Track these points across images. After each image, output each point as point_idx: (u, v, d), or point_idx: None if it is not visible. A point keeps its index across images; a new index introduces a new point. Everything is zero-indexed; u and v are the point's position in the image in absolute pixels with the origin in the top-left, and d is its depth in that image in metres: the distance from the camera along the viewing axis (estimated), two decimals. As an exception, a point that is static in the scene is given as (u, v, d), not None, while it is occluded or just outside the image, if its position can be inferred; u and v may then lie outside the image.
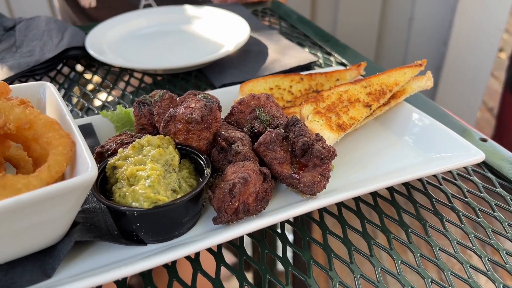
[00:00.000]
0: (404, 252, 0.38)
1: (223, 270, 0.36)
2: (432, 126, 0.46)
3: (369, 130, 0.49)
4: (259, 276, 0.36)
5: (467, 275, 0.36)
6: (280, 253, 0.38)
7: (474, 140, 0.50)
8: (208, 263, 0.37)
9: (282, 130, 0.40)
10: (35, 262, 0.33)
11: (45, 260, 0.34)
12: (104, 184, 0.37)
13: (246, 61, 0.66)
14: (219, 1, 0.90)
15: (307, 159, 0.39)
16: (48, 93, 0.41)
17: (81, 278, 0.31)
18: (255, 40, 0.72)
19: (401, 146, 0.46)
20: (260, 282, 0.34)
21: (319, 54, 0.69)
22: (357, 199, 0.42)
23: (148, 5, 1.07)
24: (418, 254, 0.37)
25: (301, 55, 0.66)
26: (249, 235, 0.38)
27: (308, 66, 0.64)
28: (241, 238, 0.38)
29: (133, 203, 0.33)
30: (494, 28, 1.83)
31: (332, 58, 0.68)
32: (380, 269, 0.36)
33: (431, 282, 0.35)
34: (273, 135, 0.39)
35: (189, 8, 0.79)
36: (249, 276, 0.37)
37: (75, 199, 0.31)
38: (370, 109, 0.46)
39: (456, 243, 0.38)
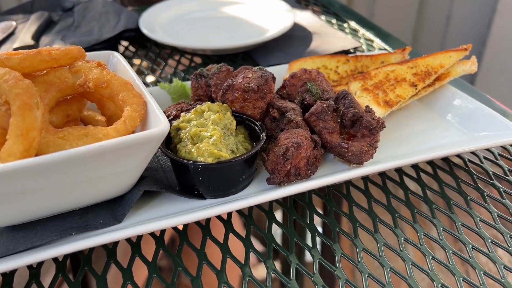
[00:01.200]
0: (446, 220, 0.40)
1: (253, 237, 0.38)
2: (475, 107, 0.47)
3: (414, 110, 0.50)
4: (286, 240, 0.38)
5: (507, 244, 0.37)
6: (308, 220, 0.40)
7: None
8: (238, 227, 0.40)
9: (333, 102, 0.42)
10: (106, 209, 0.37)
11: (115, 207, 0.37)
12: (168, 144, 0.40)
13: (291, 44, 0.68)
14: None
15: (356, 130, 0.41)
16: (116, 61, 0.45)
17: (147, 223, 0.34)
18: (299, 26, 0.74)
19: (444, 126, 0.48)
20: (287, 245, 0.37)
21: (361, 40, 0.71)
22: (400, 173, 0.44)
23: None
24: (441, 228, 0.39)
25: (344, 40, 0.68)
26: (280, 204, 0.40)
27: (351, 51, 0.66)
28: (271, 206, 0.40)
29: (198, 158, 0.36)
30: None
31: (374, 45, 0.70)
32: (403, 239, 0.38)
33: (452, 253, 0.37)
34: (324, 105, 0.41)
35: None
36: (278, 239, 0.39)
37: (148, 150, 0.34)
38: (416, 89, 0.48)
39: (497, 215, 0.40)
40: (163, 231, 0.38)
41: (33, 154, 0.31)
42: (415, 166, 0.45)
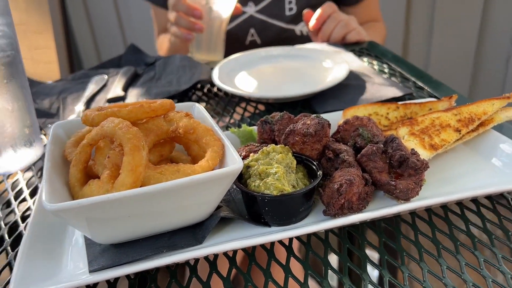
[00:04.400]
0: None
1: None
2: (501, 140, 0.52)
3: (459, 153, 0.55)
4: (341, 265, 0.44)
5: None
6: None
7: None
8: (298, 253, 0.46)
9: (382, 145, 0.48)
10: (189, 232, 0.45)
11: (196, 231, 0.45)
12: (239, 179, 0.48)
13: (346, 92, 0.75)
14: (322, 41, 1.02)
15: (403, 170, 0.47)
16: (197, 110, 0.54)
17: (222, 244, 0.42)
18: (354, 75, 0.82)
19: (488, 168, 0.52)
20: (341, 270, 0.42)
21: (412, 88, 0.77)
22: (446, 209, 0.49)
23: (253, 41, 1.23)
24: (500, 256, 0.43)
25: (396, 88, 0.74)
26: (335, 234, 0.46)
27: (402, 98, 0.72)
28: (326, 235, 0.46)
29: (265, 191, 0.43)
30: None
31: (424, 92, 0.75)
32: (465, 264, 0.42)
33: (510, 277, 0.40)
34: (374, 148, 0.48)
35: (297, 47, 0.92)
36: (334, 265, 0.44)
37: (226, 184, 0.42)
38: (460, 133, 0.53)
39: (538, 251, 0.43)
40: (235, 252, 0.45)
41: (139, 185, 0.40)
42: (459, 204, 0.49)
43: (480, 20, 1.93)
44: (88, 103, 0.80)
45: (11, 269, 0.46)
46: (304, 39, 1.23)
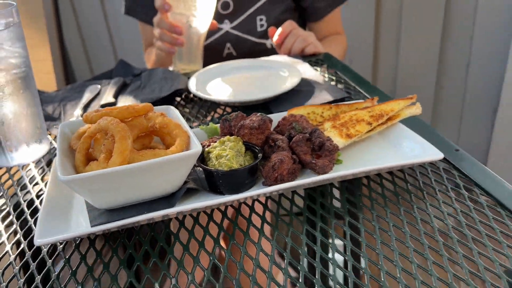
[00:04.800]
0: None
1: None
2: (413, 137, 0.68)
3: (373, 141, 0.72)
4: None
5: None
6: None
7: (449, 150, 0.71)
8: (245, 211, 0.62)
9: (308, 135, 0.65)
10: (164, 200, 0.61)
11: (169, 199, 0.61)
12: (202, 161, 0.64)
13: (298, 97, 0.92)
14: (284, 53, 1.19)
15: (321, 152, 0.63)
16: (171, 112, 0.70)
17: (189, 205, 0.58)
18: (306, 82, 0.99)
19: (394, 151, 0.69)
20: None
21: (352, 92, 0.94)
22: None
23: (230, 53, 1.39)
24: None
25: (336, 93, 0.91)
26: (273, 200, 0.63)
27: (341, 100, 0.89)
28: (266, 200, 0.63)
29: (219, 168, 0.60)
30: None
31: (361, 95, 0.92)
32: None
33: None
34: (301, 136, 0.64)
35: (262, 59, 1.09)
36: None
37: (190, 162, 0.58)
38: (371, 126, 0.70)
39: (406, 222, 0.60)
40: (218, 234, 0.60)
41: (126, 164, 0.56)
42: (367, 177, 0.66)
43: (441, 31, 2.12)
44: (85, 108, 0.96)
45: (30, 232, 0.62)
46: (274, 51, 1.40)
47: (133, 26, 1.59)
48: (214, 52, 1.40)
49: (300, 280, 0.50)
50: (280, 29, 1.17)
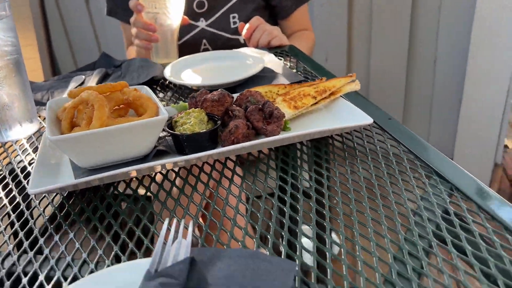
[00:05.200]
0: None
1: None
2: (350, 107, 0.81)
3: (318, 112, 0.84)
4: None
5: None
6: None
7: (384, 119, 0.83)
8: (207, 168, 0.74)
9: (260, 106, 0.77)
10: (138, 161, 0.72)
11: (143, 160, 0.72)
12: (170, 129, 0.75)
13: (261, 82, 1.04)
14: (252, 46, 1.31)
15: (271, 119, 0.75)
16: (144, 90, 0.81)
17: (159, 161, 0.69)
18: (270, 69, 1.11)
19: (335, 120, 0.81)
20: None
21: (309, 77, 1.06)
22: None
23: (206, 49, 1.51)
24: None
25: (295, 77, 1.03)
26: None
27: (298, 83, 1.01)
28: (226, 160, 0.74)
29: (183, 132, 0.71)
30: (503, 65, 2.08)
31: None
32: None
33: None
34: (254, 107, 0.76)
35: (232, 50, 1.22)
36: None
37: (159, 127, 0.70)
38: (315, 99, 0.82)
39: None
40: (179, 197, 0.72)
41: (104, 128, 0.68)
42: (311, 140, 0.78)
43: (408, 31, 2.27)
44: (71, 95, 1.07)
45: (24, 189, 0.72)
46: (246, 46, 1.52)
47: (116, 26, 1.70)
48: (191, 48, 1.52)
49: (269, 246, 0.59)
50: (248, 25, 1.29)
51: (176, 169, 0.75)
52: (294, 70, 1.12)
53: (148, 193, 0.70)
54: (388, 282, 0.49)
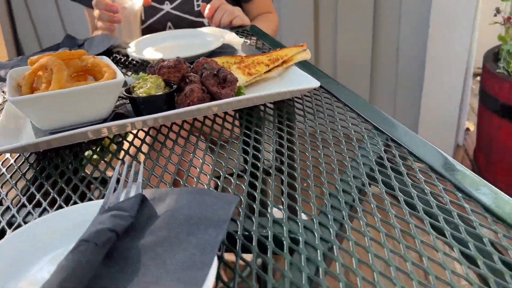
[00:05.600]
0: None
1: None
2: (301, 74, 0.86)
3: (272, 80, 0.89)
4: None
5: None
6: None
7: (332, 84, 0.89)
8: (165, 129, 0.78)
9: (215, 72, 0.81)
10: (99, 123, 0.75)
11: (103, 122, 0.76)
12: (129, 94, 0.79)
13: (220, 55, 1.08)
14: (215, 26, 1.35)
15: (225, 84, 0.80)
16: (105, 59, 0.85)
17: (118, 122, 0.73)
18: (230, 46, 1.15)
19: (287, 86, 0.86)
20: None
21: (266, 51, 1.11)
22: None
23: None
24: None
25: (253, 51, 1.08)
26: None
27: (255, 57, 1.06)
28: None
29: (140, 95, 0.75)
30: (460, 48, 2.18)
31: (273, 54, 1.09)
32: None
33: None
34: (209, 72, 0.80)
35: (193, 29, 1.26)
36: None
37: (116, 89, 0.73)
38: (268, 67, 0.87)
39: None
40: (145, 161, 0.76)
41: (63, 90, 0.71)
42: (264, 104, 0.83)
43: (372, 20, 2.35)
44: (34, 72, 1.09)
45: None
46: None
47: (82, 11, 1.71)
48: (156, 31, 1.55)
49: (233, 187, 0.65)
50: (209, 5, 1.33)
51: (146, 151, 0.78)
52: (253, 47, 1.16)
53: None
54: (323, 213, 0.54)
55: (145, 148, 0.76)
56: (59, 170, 0.69)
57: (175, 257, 0.44)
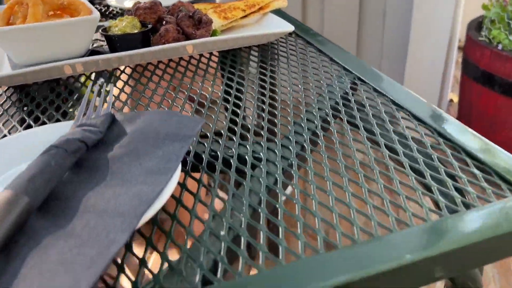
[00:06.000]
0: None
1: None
2: (275, 19, 0.88)
3: (249, 25, 0.91)
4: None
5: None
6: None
7: (308, 33, 0.91)
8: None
9: (190, 14, 0.83)
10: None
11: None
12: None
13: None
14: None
15: (201, 26, 0.81)
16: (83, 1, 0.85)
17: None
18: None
19: (260, 31, 0.88)
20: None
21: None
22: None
23: None
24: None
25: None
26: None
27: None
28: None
29: (115, 33, 0.76)
30: (444, 17, 2.20)
31: (253, 5, 1.10)
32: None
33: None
34: (184, 13, 0.82)
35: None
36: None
37: (91, 25, 0.74)
38: (244, 12, 0.88)
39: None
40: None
41: (38, 24, 0.72)
42: (239, 48, 0.85)
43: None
44: None
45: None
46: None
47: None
48: None
49: (219, 161, 0.68)
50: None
51: (129, 102, 0.80)
52: None
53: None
54: (286, 137, 0.57)
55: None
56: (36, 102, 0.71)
57: (142, 165, 0.47)
